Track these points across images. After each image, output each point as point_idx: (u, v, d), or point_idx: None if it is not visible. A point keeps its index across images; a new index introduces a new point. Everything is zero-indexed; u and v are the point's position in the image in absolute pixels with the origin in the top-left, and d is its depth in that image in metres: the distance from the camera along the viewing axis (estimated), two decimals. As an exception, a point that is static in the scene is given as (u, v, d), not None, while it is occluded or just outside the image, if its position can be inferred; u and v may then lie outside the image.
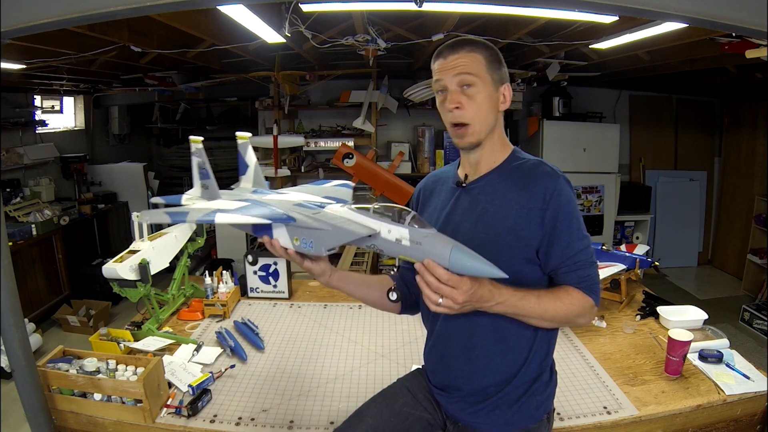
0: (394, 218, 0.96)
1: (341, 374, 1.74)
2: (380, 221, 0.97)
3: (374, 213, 0.99)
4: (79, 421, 1.49)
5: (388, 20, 2.75)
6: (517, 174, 1.13)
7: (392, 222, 0.96)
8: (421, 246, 0.93)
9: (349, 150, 3.99)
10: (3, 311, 1.32)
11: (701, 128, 5.28)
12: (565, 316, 1.07)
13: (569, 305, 1.07)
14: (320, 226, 1.01)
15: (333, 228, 1.00)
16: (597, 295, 1.11)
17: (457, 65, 1.08)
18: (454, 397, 1.21)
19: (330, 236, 1.01)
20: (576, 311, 1.08)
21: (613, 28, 2.33)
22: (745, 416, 1.55)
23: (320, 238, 1.02)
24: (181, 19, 2.17)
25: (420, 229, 0.94)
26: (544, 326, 1.10)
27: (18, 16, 1.05)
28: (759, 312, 3.75)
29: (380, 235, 0.97)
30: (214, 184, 1.25)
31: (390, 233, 0.96)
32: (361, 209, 1.01)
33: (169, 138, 6.54)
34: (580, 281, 1.09)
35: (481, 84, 1.09)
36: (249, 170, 1.29)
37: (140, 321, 2.01)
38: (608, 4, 0.99)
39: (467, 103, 1.09)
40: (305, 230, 1.04)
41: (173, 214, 1.06)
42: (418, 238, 0.93)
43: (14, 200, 4.06)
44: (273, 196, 1.19)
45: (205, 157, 1.25)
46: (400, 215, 0.96)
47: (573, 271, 1.09)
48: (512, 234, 1.08)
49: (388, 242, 0.97)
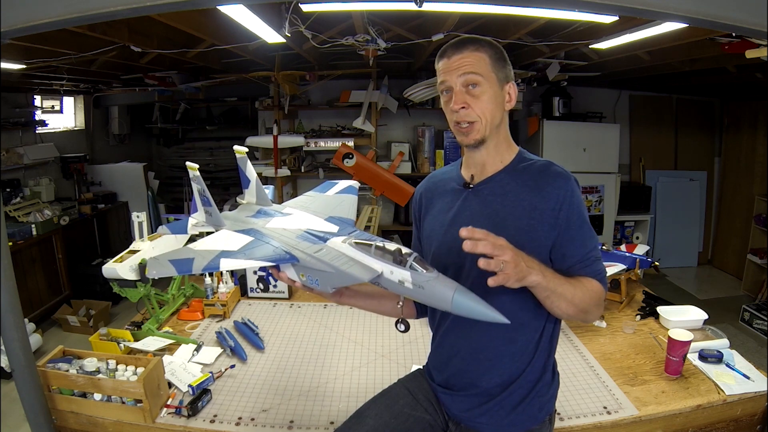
0: (396, 260, 0.95)
1: (341, 374, 1.73)
2: (382, 261, 0.96)
3: (375, 252, 0.97)
4: (79, 421, 1.49)
5: (388, 20, 2.75)
6: (527, 174, 1.13)
7: (394, 263, 0.95)
8: (423, 290, 0.92)
9: (349, 150, 3.99)
10: (3, 311, 1.32)
11: (701, 128, 5.28)
12: (587, 301, 1.08)
13: (590, 292, 1.09)
14: (324, 268, 1.02)
15: (336, 271, 1.00)
16: (606, 285, 1.16)
17: (462, 65, 1.07)
18: (459, 396, 1.21)
19: (334, 278, 1.01)
20: (595, 299, 1.10)
21: (613, 28, 2.33)
22: (745, 416, 1.55)
23: (325, 279, 1.03)
24: (181, 19, 2.17)
25: (422, 273, 0.92)
26: (569, 312, 1.07)
27: (18, 16, 1.05)
28: (759, 312, 3.74)
29: (383, 275, 0.96)
30: (216, 210, 1.27)
31: (392, 274, 0.95)
32: (362, 246, 1.00)
33: (169, 138, 6.54)
34: (594, 275, 1.12)
35: (487, 83, 1.08)
36: (251, 184, 1.32)
37: (140, 321, 2.01)
38: (608, 4, 0.99)
39: (473, 103, 1.08)
40: (310, 270, 1.04)
41: (178, 263, 1.04)
42: (420, 281, 0.92)
43: (14, 200, 4.06)
44: (277, 221, 1.18)
45: (203, 184, 1.28)
46: (402, 257, 0.95)
47: (587, 266, 1.11)
48: (525, 235, 1.08)
49: (390, 282, 0.96)
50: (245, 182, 1.33)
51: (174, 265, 1.03)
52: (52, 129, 4.85)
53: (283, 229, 1.14)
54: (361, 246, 1.00)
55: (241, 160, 1.29)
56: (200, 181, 1.28)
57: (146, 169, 5.28)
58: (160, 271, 1.02)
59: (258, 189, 1.31)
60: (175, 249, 1.12)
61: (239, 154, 1.28)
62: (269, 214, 1.24)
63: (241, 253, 1.07)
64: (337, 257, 1.02)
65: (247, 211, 1.29)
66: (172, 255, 1.07)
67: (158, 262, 1.03)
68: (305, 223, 1.16)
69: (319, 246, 1.06)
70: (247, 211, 1.29)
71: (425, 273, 0.92)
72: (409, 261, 0.94)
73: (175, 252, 1.09)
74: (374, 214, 3.73)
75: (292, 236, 1.11)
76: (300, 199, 1.36)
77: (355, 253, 1.00)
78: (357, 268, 0.98)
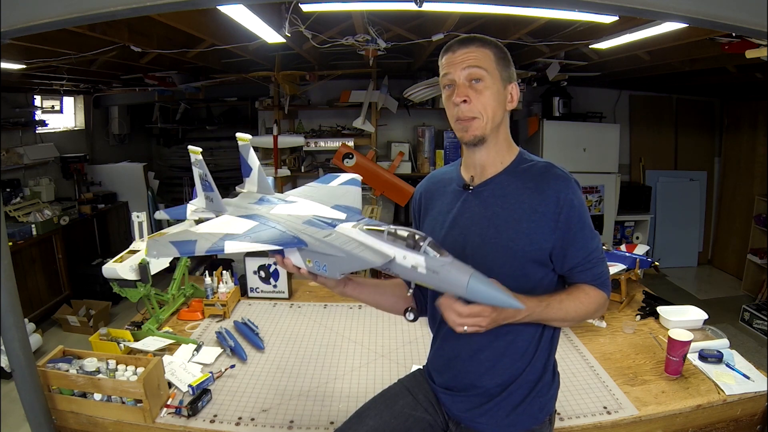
0: (409, 244, 0.92)
1: (341, 374, 1.73)
2: (394, 246, 0.93)
3: (388, 236, 0.94)
4: (79, 421, 1.49)
5: (388, 20, 2.75)
6: (527, 176, 1.12)
7: (407, 248, 0.92)
8: (438, 275, 0.89)
9: (349, 150, 3.99)
10: (3, 311, 1.32)
11: (701, 128, 5.28)
12: (584, 314, 1.12)
13: (587, 304, 1.11)
14: (333, 252, 0.98)
15: (347, 255, 0.97)
16: (609, 288, 1.17)
17: (466, 58, 1.07)
18: (459, 397, 1.21)
19: (344, 262, 0.98)
20: (593, 308, 1.12)
21: (613, 28, 2.33)
22: (745, 416, 1.55)
23: (334, 263, 1.00)
24: (181, 19, 2.17)
25: (437, 258, 0.90)
26: (563, 325, 1.13)
27: (18, 16, 1.05)
28: (759, 312, 3.74)
29: (395, 260, 0.93)
30: (218, 196, 1.23)
31: (405, 259, 0.92)
32: (373, 231, 0.96)
33: (169, 138, 6.55)
34: (594, 278, 1.12)
35: (490, 79, 1.07)
36: (253, 173, 1.27)
37: (140, 321, 2.01)
38: (608, 4, 0.99)
39: (475, 98, 1.07)
40: (318, 254, 1.01)
41: (180, 244, 0.99)
42: (435, 266, 0.90)
43: (14, 200, 4.06)
44: (281, 208, 1.15)
45: (205, 168, 1.24)
46: (416, 241, 0.92)
47: (588, 269, 1.11)
48: (525, 238, 1.07)
49: (403, 268, 0.93)
50: (246, 171, 1.28)
51: (176, 246, 0.98)
52: (52, 129, 4.85)
53: (288, 215, 1.10)
54: (372, 231, 0.97)
55: (243, 148, 1.26)
56: (202, 165, 1.23)
57: (146, 169, 5.28)
58: (161, 251, 0.97)
59: (260, 177, 1.26)
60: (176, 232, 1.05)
61: (242, 141, 1.23)
62: (272, 202, 1.21)
63: (246, 236, 1.03)
64: (348, 242, 0.98)
65: (250, 198, 1.25)
66: (174, 237, 1.02)
67: (159, 243, 0.98)
68: (312, 210, 1.12)
69: (328, 231, 1.02)
70: (249, 198, 1.25)
71: (440, 257, 0.90)
72: (423, 245, 0.91)
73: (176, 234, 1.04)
74: (374, 214, 3.73)
75: (298, 222, 1.07)
76: (302, 189, 1.32)
77: (366, 238, 0.96)
78: (369, 252, 0.95)
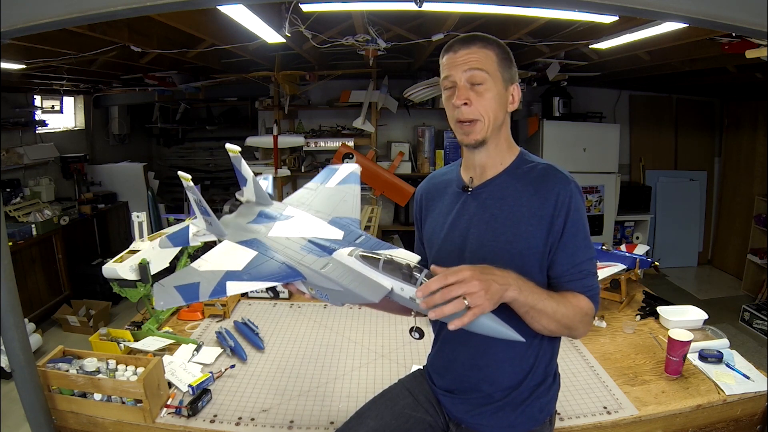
0: (405, 276, 0.93)
1: (341, 374, 1.73)
2: (391, 278, 0.94)
3: (384, 266, 0.94)
4: (79, 421, 1.49)
5: (388, 20, 2.75)
6: (527, 178, 1.10)
7: (403, 280, 0.93)
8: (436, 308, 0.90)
9: (349, 150, 4.00)
10: (3, 311, 1.32)
11: (701, 128, 5.28)
12: (571, 318, 1.05)
13: (576, 308, 1.05)
14: (332, 286, 0.99)
15: (344, 289, 0.98)
16: (598, 303, 1.11)
17: (468, 60, 1.04)
18: (459, 399, 1.21)
19: (344, 296, 0.99)
20: (580, 316, 1.06)
21: (613, 28, 2.33)
22: (745, 416, 1.55)
23: (335, 295, 1.01)
24: (181, 19, 2.17)
25: None
26: (551, 328, 1.04)
27: (18, 16, 1.04)
28: (759, 312, 3.74)
29: (393, 291, 0.94)
30: (215, 220, 1.23)
31: (403, 291, 0.93)
32: (369, 260, 0.97)
33: (169, 138, 6.55)
34: (584, 289, 1.08)
35: (492, 81, 1.05)
36: (248, 183, 1.29)
37: (140, 321, 2.01)
38: (608, 4, 0.99)
39: (476, 101, 1.05)
40: (318, 286, 1.03)
41: (185, 290, 1.02)
42: None
43: (14, 200, 4.06)
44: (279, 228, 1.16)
45: (199, 194, 1.23)
46: (411, 273, 0.92)
47: (577, 280, 1.08)
48: (523, 241, 1.06)
49: (401, 298, 0.94)
50: (242, 181, 1.30)
51: (181, 292, 1.02)
52: (52, 129, 4.85)
53: (286, 239, 1.12)
54: (368, 260, 0.97)
55: (235, 159, 1.26)
56: (195, 191, 1.23)
57: (146, 169, 5.28)
58: (168, 301, 1.01)
59: (256, 187, 1.29)
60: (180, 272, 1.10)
61: (232, 153, 1.23)
62: (271, 218, 1.22)
63: (246, 273, 1.06)
64: (345, 274, 0.99)
65: (248, 216, 1.26)
66: (178, 279, 1.05)
67: (165, 290, 1.02)
68: (308, 230, 1.13)
69: (326, 260, 1.03)
70: (247, 216, 1.27)
71: None
72: (419, 278, 0.91)
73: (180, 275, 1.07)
74: (374, 214, 3.72)
75: (296, 248, 1.09)
76: (300, 193, 1.33)
77: (362, 268, 0.97)
78: (366, 288, 0.96)
